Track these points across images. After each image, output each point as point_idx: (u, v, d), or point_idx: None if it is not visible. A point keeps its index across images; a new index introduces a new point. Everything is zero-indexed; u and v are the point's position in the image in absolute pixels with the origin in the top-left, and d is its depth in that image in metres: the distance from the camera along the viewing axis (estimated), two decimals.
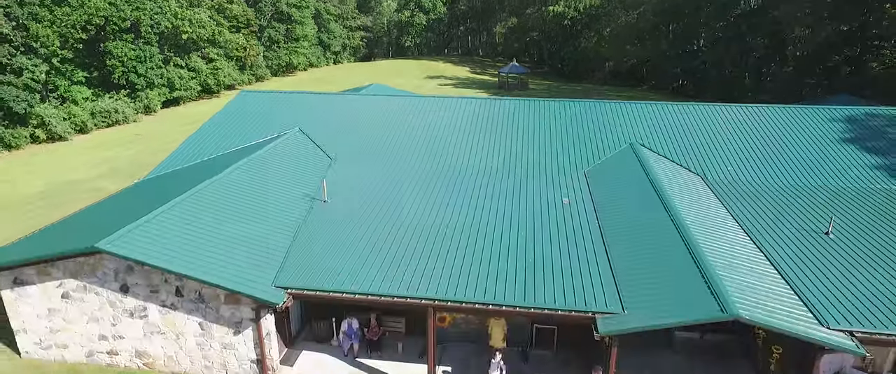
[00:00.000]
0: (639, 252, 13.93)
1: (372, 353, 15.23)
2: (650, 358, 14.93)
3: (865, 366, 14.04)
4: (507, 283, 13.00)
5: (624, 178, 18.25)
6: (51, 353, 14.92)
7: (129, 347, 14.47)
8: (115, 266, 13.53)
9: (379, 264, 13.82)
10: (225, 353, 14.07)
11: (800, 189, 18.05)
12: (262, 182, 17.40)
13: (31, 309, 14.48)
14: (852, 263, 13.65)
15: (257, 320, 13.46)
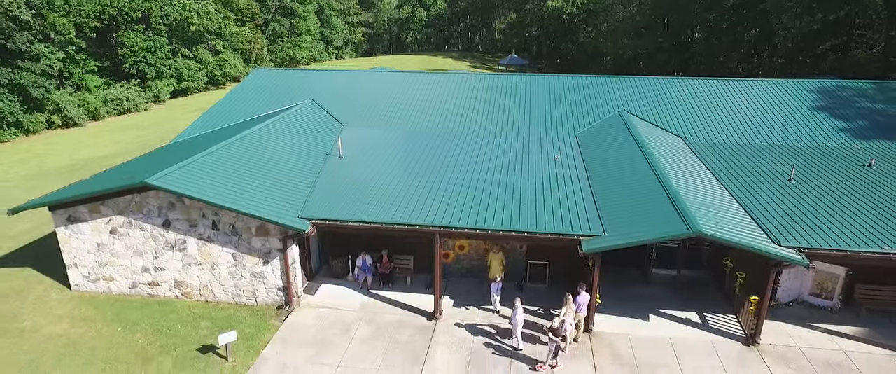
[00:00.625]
0: (619, 190, 15.94)
1: (384, 285, 17.22)
2: (631, 291, 16.92)
3: (819, 292, 16.06)
4: (504, 214, 14.98)
5: (611, 137, 20.27)
6: (98, 285, 16.89)
7: (169, 278, 16.45)
8: (159, 203, 15.50)
9: (390, 200, 15.80)
10: (255, 281, 16.05)
11: (770, 147, 20.06)
12: (284, 140, 19.42)
13: (82, 245, 16.44)
14: (807, 200, 15.63)
15: (284, 249, 15.44)
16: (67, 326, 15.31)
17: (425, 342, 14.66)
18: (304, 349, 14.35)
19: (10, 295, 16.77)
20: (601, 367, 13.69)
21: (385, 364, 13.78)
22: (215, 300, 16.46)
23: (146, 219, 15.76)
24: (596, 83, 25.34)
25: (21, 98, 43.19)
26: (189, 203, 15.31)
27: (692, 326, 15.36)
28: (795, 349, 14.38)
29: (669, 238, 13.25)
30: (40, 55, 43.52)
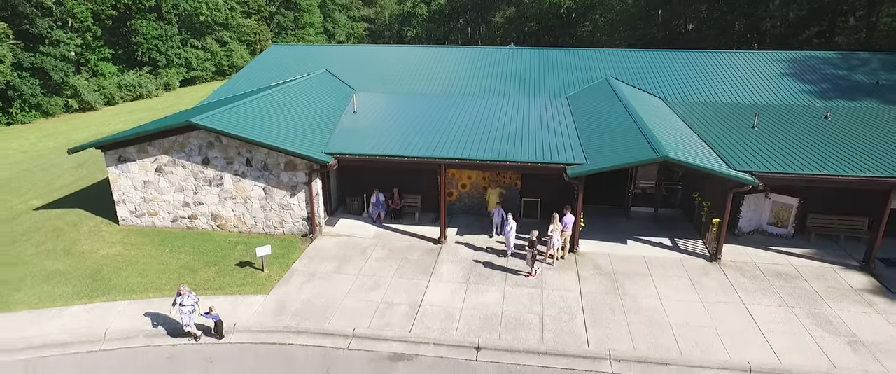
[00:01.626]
0: (601, 132, 18.44)
1: (395, 220, 19.72)
2: (612, 224, 19.42)
3: (776, 222, 18.56)
4: (501, 149, 17.48)
5: (597, 97, 22.78)
6: (143, 220, 19.38)
7: (207, 211, 18.94)
8: (200, 142, 18.00)
9: (402, 140, 18.31)
10: (282, 213, 18.54)
11: (740, 105, 22.58)
12: (306, 97, 21.95)
13: (130, 182, 18.94)
14: (764, 140, 18.12)
15: (309, 182, 17.93)
16: (120, 248, 17.80)
17: (432, 259, 17.15)
18: (327, 263, 16.84)
19: (66, 228, 19.26)
20: (584, 276, 16.17)
21: (398, 274, 16.27)
22: (247, 231, 18.94)
23: (188, 157, 18.25)
24: (586, 55, 27.87)
25: (42, 82, 45.73)
26: (226, 142, 17.80)
27: (664, 248, 17.85)
28: (751, 264, 16.87)
29: (641, 162, 15.69)
30: (60, 41, 46.08)
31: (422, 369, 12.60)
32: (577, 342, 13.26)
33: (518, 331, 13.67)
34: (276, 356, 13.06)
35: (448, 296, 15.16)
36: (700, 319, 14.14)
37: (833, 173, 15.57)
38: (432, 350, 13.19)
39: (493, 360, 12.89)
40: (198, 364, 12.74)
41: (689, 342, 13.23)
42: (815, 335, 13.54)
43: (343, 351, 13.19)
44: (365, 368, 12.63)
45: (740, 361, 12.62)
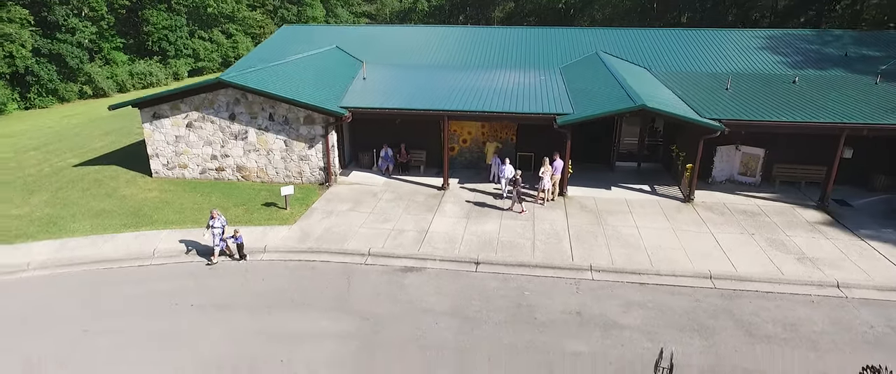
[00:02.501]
0: (588, 91, 20.71)
1: (402, 172, 21.97)
2: (598, 175, 21.67)
3: (745, 172, 20.80)
4: (497, 103, 19.74)
5: (587, 66, 25.06)
6: (174, 172, 21.61)
7: (232, 163, 21.18)
8: (227, 99, 20.25)
9: (409, 97, 20.62)
10: (301, 163, 20.78)
11: (719, 74, 24.83)
12: (320, 66, 24.23)
13: (163, 137, 21.18)
14: (734, 98, 20.36)
15: (326, 135, 20.18)
16: (157, 193, 20.04)
17: (436, 201, 19.40)
18: (343, 204, 19.09)
19: (105, 180, 21.51)
20: (571, 212, 18.41)
21: (406, 211, 18.51)
22: (269, 181, 21.17)
23: (216, 113, 20.50)
24: (578, 33, 30.19)
25: (58, 68, 47.99)
26: (251, 98, 20.05)
27: (644, 193, 20.10)
28: (721, 205, 19.12)
29: (622, 110, 17.90)
30: (76, 29, 48.37)
31: (429, 278, 14.82)
32: (563, 258, 15.48)
33: (512, 250, 15.91)
34: (303, 268, 15.29)
35: (451, 226, 17.40)
36: (671, 243, 16.38)
37: (791, 120, 17.82)
38: (438, 265, 15.41)
39: (490, 271, 15.12)
40: (236, 274, 14.96)
41: (659, 258, 15.46)
42: (770, 253, 15.77)
43: (360, 265, 15.42)
44: (380, 277, 14.85)
45: (703, 271, 14.85)
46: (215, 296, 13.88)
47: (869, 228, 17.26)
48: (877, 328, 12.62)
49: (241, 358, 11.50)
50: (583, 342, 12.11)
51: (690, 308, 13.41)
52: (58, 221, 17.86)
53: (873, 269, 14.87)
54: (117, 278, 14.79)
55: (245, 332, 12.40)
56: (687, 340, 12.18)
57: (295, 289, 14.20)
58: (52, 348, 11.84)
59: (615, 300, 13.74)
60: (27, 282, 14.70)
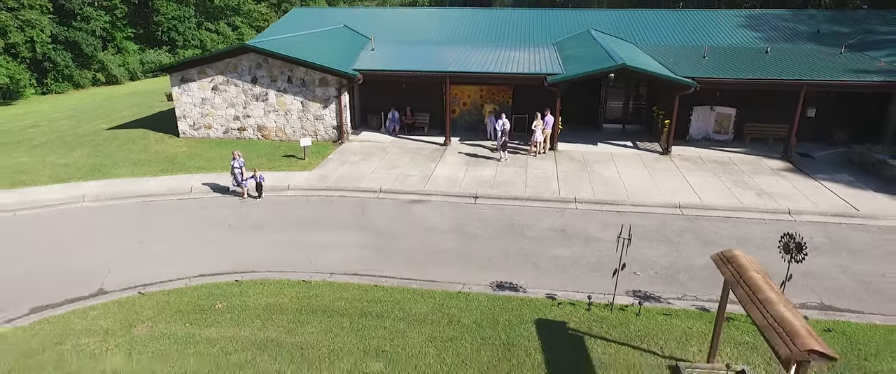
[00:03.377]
0: (576, 57, 23.08)
1: (408, 133, 24.32)
2: (586, 134, 24.03)
3: (719, 130, 23.16)
4: (494, 67, 22.11)
5: (578, 40, 27.45)
6: (199, 132, 23.96)
7: (253, 123, 23.53)
8: (250, 64, 22.61)
9: (415, 61, 22.97)
10: (316, 122, 23.13)
11: (699, 47, 27.22)
12: (331, 40, 26.61)
13: (190, 100, 23.53)
14: (709, 64, 22.72)
15: (339, 96, 22.54)
16: (186, 148, 22.39)
17: (439, 154, 21.75)
18: (355, 156, 21.45)
19: (137, 139, 23.87)
20: (560, 161, 20.77)
21: (412, 161, 20.86)
22: (286, 139, 23.52)
23: (239, 77, 22.86)
24: (572, 14, 32.62)
25: (73, 55, 50.38)
26: (271, 62, 22.40)
27: (627, 147, 22.47)
28: (696, 157, 21.47)
29: (605, 70, 20.22)
30: (90, 17, 50.79)
31: (434, 207, 17.16)
32: (551, 193, 17.83)
33: (506, 188, 18.26)
34: (323, 201, 17.63)
35: (452, 171, 19.76)
36: (646, 183, 18.74)
37: (756, 77, 20.20)
38: (441, 198, 17.76)
39: (487, 202, 17.46)
40: (265, 205, 17.30)
41: (635, 193, 17.82)
42: (733, 190, 18.12)
43: (374, 199, 17.76)
44: (391, 207, 17.19)
45: (673, 202, 17.19)
46: (248, 220, 16.22)
47: (825, 173, 19.61)
48: (815, 238, 14.96)
49: (274, 259, 13.81)
50: (566, 249, 14.43)
51: (659, 227, 15.76)
52: (101, 168, 20.20)
53: (821, 200, 17.22)
54: (161, 207, 17.14)
55: (276, 243, 14.73)
56: (654, 247, 14.51)
57: (317, 215, 16.55)
58: (116, 253, 14.15)
59: (595, 222, 16.07)
60: (85, 210, 17.04)
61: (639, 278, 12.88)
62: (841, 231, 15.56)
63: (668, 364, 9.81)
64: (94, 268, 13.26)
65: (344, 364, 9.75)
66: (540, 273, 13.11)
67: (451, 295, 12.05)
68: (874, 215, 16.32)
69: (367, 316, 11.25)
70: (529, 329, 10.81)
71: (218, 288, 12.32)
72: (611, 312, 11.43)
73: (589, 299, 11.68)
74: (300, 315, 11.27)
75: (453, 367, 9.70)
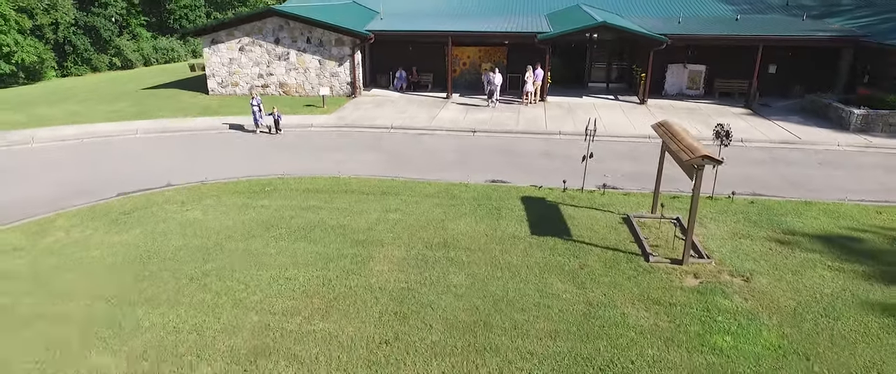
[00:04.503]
0: (564, 21, 26.27)
1: (414, 90, 27.49)
2: (573, 90, 27.21)
3: (692, 86, 26.34)
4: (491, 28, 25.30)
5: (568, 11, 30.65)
6: (227, 89, 27.12)
7: (275, 81, 26.69)
8: (274, 26, 25.79)
9: (420, 24, 26.13)
10: (332, 79, 26.30)
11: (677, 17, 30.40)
12: (344, 11, 29.79)
13: (219, 60, 26.71)
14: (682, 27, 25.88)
15: (353, 54, 25.72)
16: (218, 101, 25.57)
17: (442, 104, 24.92)
18: (368, 105, 24.62)
19: (171, 96, 27.07)
20: (548, 109, 23.92)
21: (418, 109, 24.01)
22: (305, 94, 26.68)
23: (264, 38, 26.04)
24: None
25: (92, 39, 53.60)
26: (293, 25, 25.58)
27: (609, 100, 25.65)
28: (668, 106, 24.63)
29: (588, 27, 23.38)
30: (108, 3, 54.02)
31: (439, 137, 20.28)
32: (539, 128, 20.98)
33: (501, 125, 21.41)
34: (343, 134, 20.77)
35: (453, 115, 22.92)
36: (622, 121, 21.88)
37: (719, 34, 23.38)
38: (444, 132, 20.91)
39: (484, 135, 20.60)
40: (293, 136, 20.43)
41: (612, 128, 20.95)
42: (697, 126, 21.24)
43: (387, 133, 20.90)
44: (402, 138, 20.31)
45: (643, 133, 20.31)
46: (280, 145, 19.36)
47: (779, 116, 22.76)
48: (760, 156, 18.10)
49: (306, 168, 16.90)
50: (549, 162, 17.55)
51: (629, 150, 18.89)
52: (146, 112, 23.38)
53: (771, 133, 20.37)
54: (205, 137, 20.30)
55: (305, 159, 17.84)
56: (623, 162, 17.63)
57: (339, 143, 19.70)
58: (175, 163, 17.27)
59: (575, 147, 19.18)
60: (140, 139, 20.19)
61: (607, 178, 15.98)
62: (782, 152, 18.71)
63: (621, 218, 12.94)
64: (160, 172, 16.36)
65: (370, 216, 12.87)
66: (526, 175, 16.21)
67: (454, 184, 15.16)
68: (813, 141, 19.47)
69: (386, 194, 14.37)
70: (515, 201, 13.93)
71: (265, 180, 15.44)
72: (581, 193, 14.56)
73: (564, 184, 14.82)
74: (333, 194, 14.39)
75: (454, 218, 12.82)
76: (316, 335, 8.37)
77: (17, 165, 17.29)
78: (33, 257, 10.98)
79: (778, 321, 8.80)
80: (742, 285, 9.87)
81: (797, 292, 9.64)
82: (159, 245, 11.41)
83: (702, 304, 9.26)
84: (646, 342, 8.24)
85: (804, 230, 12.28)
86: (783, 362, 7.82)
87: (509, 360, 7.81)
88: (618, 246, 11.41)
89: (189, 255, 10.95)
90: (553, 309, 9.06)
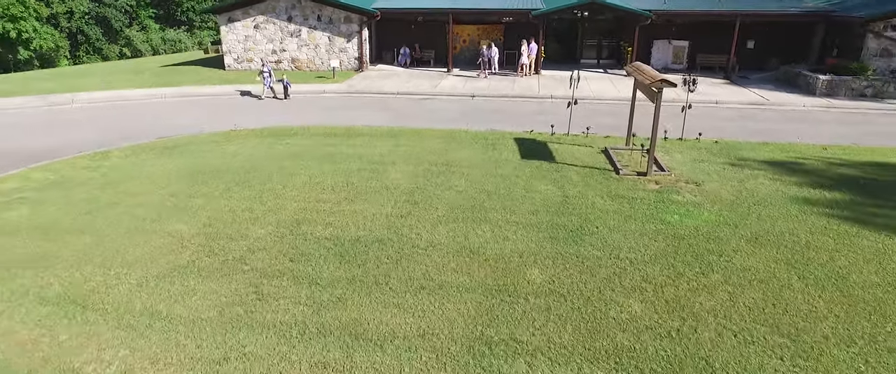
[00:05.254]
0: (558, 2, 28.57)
1: (417, 66, 29.71)
2: (566, 67, 29.42)
3: (676, 61, 28.57)
4: (489, 5, 27.52)
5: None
6: (242, 65, 29.33)
7: (288, 56, 28.90)
8: (286, 4, 28.00)
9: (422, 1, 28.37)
10: (341, 54, 28.52)
11: None
12: None
13: (235, 37, 28.92)
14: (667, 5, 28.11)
15: (360, 31, 27.94)
16: (234, 75, 27.77)
17: (443, 76, 27.14)
18: (374, 77, 26.84)
19: (190, 71, 29.25)
20: (542, 79, 26.13)
21: (422, 79, 26.22)
22: (316, 69, 28.88)
23: (277, 16, 28.25)
24: None
25: (104, 29, 55.91)
26: (304, 3, 27.80)
27: (598, 72, 27.85)
28: None
29: (578, 3, 25.60)
30: None
31: (440, 101, 22.47)
32: (533, 93, 23.19)
33: (498, 92, 23.61)
34: (352, 98, 22.97)
35: (454, 84, 25.12)
36: (609, 88, 24.09)
37: (698, 9, 25.59)
38: (446, 97, 23.11)
39: (482, 99, 22.80)
40: (306, 101, 22.62)
41: (599, 93, 23.16)
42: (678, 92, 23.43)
43: (393, 97, 23.10)
44: (407, 101, 22.50)
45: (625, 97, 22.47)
46: (294, 107, 21.55)
47: (754, 85, 24.97)
48: (730, 114, 20.30)
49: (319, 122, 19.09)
50: (541, 118, 19.72)
51: (613, 109, 21.08)
52: (169, 82, 25.59)
53: (743, 97, 22.57)
54: (226, 100, 22.51)
55: (320, 116, 20.02)
56: (606, 117, 19.81)
57: (349, 104, 21.90)
58: (203, 119, 19.45)
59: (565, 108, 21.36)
60: (167, 102, 22.40)
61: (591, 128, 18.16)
62: (752, 111, 20.92)
63: (600, 150, 15.12)
64: (190, 123, 18.54)
65: (382, 149, 15.06)
66: (520, 126, 18.37)
67: (455, 130, 17.36)
68: (781, 103, 21.69)
69: (396, 136, 16.56)
70: (509, 141, 16.12)
71: (287, 128, 17.64)
72: (567, 136, 16.75)
73: (552, 128, 17.01)
74: (349, 137, 16.58)
75: (455, 150, 15.01)
76: (344, 212, 10.55)
77: (63, 119, 19.47)
78: (102, 172, 13.16)
79: (719, 208, 10.98)
80: (693, 188, 12.06)
81: (739, 193, 11.82)
82: (205, 164, 13.59)
83: (658, 198, 11.43)
84: (609, 217, 10.41)
85: (755, 158, 14.48)
86: (716, 229, 9.98)
87: (499, 226, 9.98)
88: (594, 165, 13.60)
89: (232, 170, 13.12)
90: (536, 199, 11.24)
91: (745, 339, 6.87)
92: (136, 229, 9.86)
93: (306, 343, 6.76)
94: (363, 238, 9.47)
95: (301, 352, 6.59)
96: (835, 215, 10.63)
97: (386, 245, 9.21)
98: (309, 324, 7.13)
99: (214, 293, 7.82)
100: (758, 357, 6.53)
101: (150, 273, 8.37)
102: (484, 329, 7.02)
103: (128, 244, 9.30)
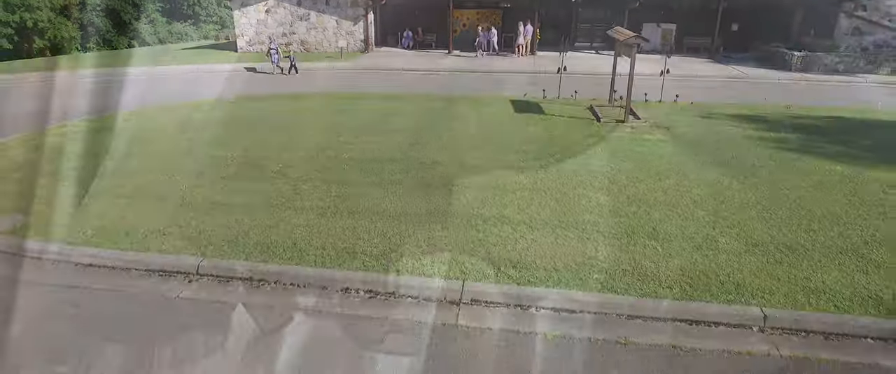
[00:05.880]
0: None
1: (419, 49, 31.65)
2: None
3: (664, 43, 30.47)
4: None
5: None
6: (253, 47, 31.25)
7: (298, 39, 30.82)
8: None
9: None
10: (348, 37, 30.44)
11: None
12: None
13: (248, 21, 30.84)
14: None
15: (366, 14, 29.86)
16: (248, 55, 29.69)
17: (444, 56, 29.06)
18: (380, 57, 28.77)
19: (206, 54, 31.19)
20: (538, 59, 28.05)
21: (424, 59, 28.15)
22: (324, 51, 30.81)
23: (287, 0, 30.17)
24: None
25: (113, 21, 57.79)
26: None
27: (591, 54, 29.77)
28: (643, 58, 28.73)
29: None
30: None
31: (443, 75, 24.37)
32: (529, 68, 25.10)
33: (496, 68, 25.53)
34: (360, 73, 24.88)
35: (454, 62, 27.05)
36: (600, 64, 25.97)
37: None
38: (447, 72, 25.03)
39: (481, 74, 24.71)
40: (316, 75, 24.54)
41: (591, 69, 25.06)
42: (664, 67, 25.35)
43: (397, 73, 25.01)
44: (411, 76, 24.40)
45: None
46: (306, 79, 23.46)
47: (736, 62, 26.88)
48: (710, 85, 22.20)
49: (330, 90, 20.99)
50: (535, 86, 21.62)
51: (599, 80, 22.93)
52: (192, 61, 27.50)
53: (723, 72, 24.49)
54: (248, 75, 24.41)
55: (329, 85, 21.93)
56: (595, 87, 21.69)
57: (357, 77, 23.82)
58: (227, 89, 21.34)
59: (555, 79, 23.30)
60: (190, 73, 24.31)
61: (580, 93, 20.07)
62: (730, 82, 22.85)
63: (586, 107, 17.02)
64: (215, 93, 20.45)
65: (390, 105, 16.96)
66: (515, 92, 20.28)
67: (455, 95, 19.24)
68: (758, 77, 23.61)
69: (401, 98, 18.48)
70: (505, 102, 18.01)
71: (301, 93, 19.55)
72: (558, 99, 18.65)
73: (543, 92, 18.91)
74: (360, 99, 18.49)
75: (455, 107, 16.90)
76: (361, 143, 12.47)
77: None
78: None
79: (683, 142, 12.88)
80: (664, 131, 13.96)
81: (703, 134, 13.72)
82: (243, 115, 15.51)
83: (632, 137, 13.34)
84: (589, 149, 12.30)
85: (723, 113, 16.39)
86: (678, 156, 11.87)
87: (493, 151, 11.88)
88: (580, 117, 15.51)
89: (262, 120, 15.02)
90: (526, 136, 13.15)
91: (686, 217, 8.75)
92: (171, 154, 11.78)
93: (337, 218, 8.65)
94: (378, 158, 11.38)
95: (332, 223, 8.49)
96: (782, 148, 12.52)
97: (397, 163, 11.12)
98: (340, 208, 9.02)
99: (261, 192, 9.71)
100: (693, 227, 8.41)
101: (203, 180, 10.27)
102: (480, 209, 8.91)
103: (179, 165, 11.20)
